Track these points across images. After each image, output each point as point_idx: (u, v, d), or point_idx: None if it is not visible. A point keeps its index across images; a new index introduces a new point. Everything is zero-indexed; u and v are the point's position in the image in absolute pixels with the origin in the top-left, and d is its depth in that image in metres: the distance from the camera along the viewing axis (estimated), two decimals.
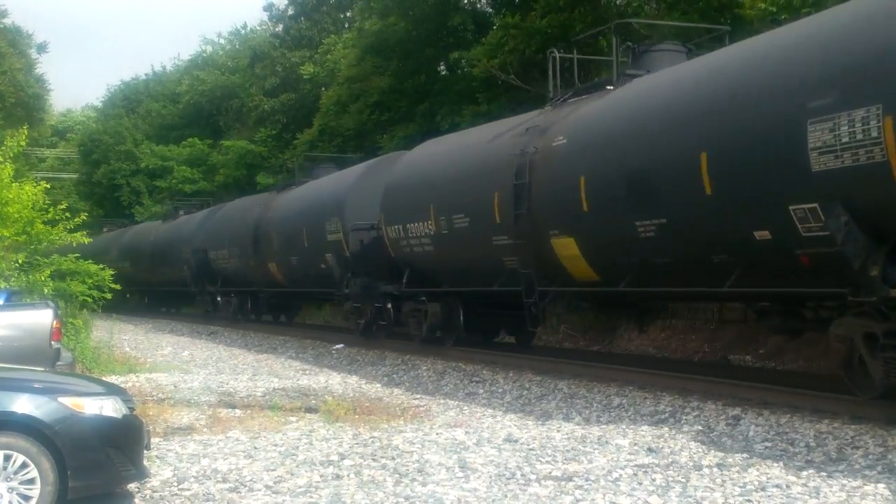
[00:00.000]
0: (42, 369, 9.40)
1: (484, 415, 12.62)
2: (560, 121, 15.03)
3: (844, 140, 9.35)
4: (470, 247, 16.95)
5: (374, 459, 9.49)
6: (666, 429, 10.90)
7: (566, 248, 14.41)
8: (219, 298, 33.61)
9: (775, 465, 8.78)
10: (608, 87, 14.86)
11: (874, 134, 9.06)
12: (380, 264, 20.87)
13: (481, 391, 14.88)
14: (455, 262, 17.87)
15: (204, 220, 35.33)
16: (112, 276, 23.63)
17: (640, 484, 8.24)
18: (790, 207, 10.12)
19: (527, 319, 16.01)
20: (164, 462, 9.51)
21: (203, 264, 33.66)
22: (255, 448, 10.21)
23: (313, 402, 13.90)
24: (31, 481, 7.10)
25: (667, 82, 13.12)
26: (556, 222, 14.49)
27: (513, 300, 16.35)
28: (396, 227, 19.49)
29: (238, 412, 12.91)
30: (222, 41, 63.77)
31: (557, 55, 16.54)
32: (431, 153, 19.87)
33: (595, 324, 21.22)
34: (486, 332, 20.02)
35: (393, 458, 9.52)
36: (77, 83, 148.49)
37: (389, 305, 21.06)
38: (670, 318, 19.60)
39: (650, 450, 9.67)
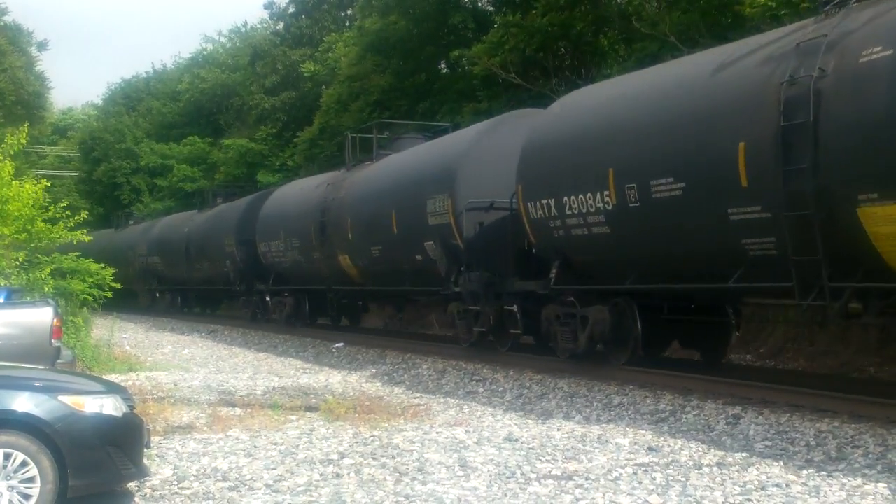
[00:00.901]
0: (42, 367, 9.39)
1: (484, 413, 12.62)
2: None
3: None
4: (682, 225, 12.32)
5: (374, 458, 9.49)
6: (666, 428, 10.91)
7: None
8: (268, 298, 28.75)
9: (775, 464, 8.78)
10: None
11: None
12: (506, 254, 16.83)
13: (481, 390, 14.88)
14: (652, 247, 13.04)
15: (250, 207, 30.07)
16: (140, 273, 24.89)
17: (640, 483, 8.25)
18: None
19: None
20: (164, 461, 9.51)
21: (251, 259, 29.11)
22: (256, 447, 10.21)
23: (313, 400, 13.90)
24: (31, 480, 7.10)
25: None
26: (875, 180, 9.75)
27: (711, 304, 14.56)
28: (544, 202, 14.88)
29: (238, 411, 12.91)
30: (223, 39, 63.78)
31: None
32: (600, 97, 15.16)
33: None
34: (657, 344, 15.34)
35: (393, 457, 9.52)
36: (77, 81, 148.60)
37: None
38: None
39: (650, 449, 9.67)
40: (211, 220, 34.30)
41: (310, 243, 24.61)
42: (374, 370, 18.26)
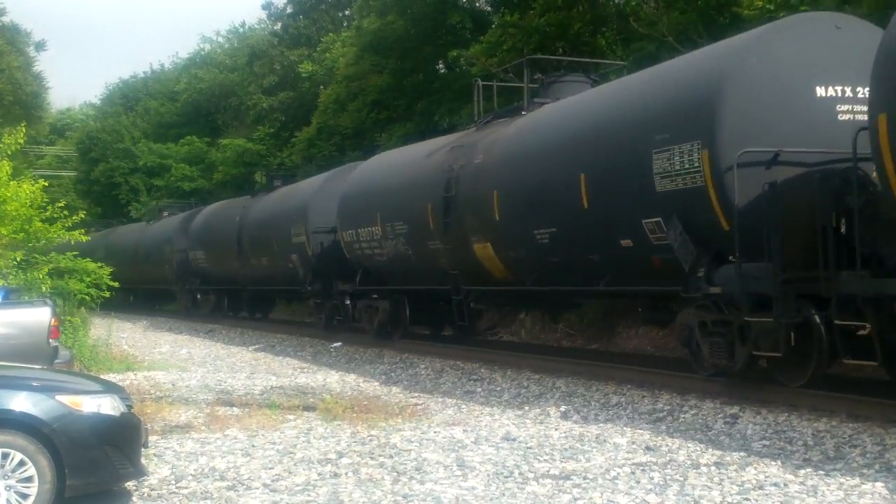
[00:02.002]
0: (40, 367, 9.38)
1: (482, 413, 12.62)
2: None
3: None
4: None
5: (371, 458, 9.49)
6: (664, 427, 10.91)
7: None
8: (347, 301, 23.36)
9: (773, 463, 8.79)
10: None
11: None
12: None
13: (479, 389, 14.89)
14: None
15: (325, 187, 24.42)
16: (179, 271, 26.17)
17: (638, 482, 8.25)
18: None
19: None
20: (161, 460, 9.50)
21: (328, 252, 23.75)
22: (253, 446, 10.21)
23: (311, 400, 13.90)
24: (29, 479, 7.10)
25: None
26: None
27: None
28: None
29: (236, 410, 12.91)
30: (221, 39, 63.74)
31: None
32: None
33: (593, 322, 21.14)
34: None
35: (391, 457, 9.52)
36: (75, 81, 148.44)
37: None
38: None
39: (648, 448, 9.68)
40: (272, 205, 28.26)
41: (424, 229, 18.63)
42: (372, 370, 18.26)
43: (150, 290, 43.55)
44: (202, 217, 35.80)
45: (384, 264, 20.90)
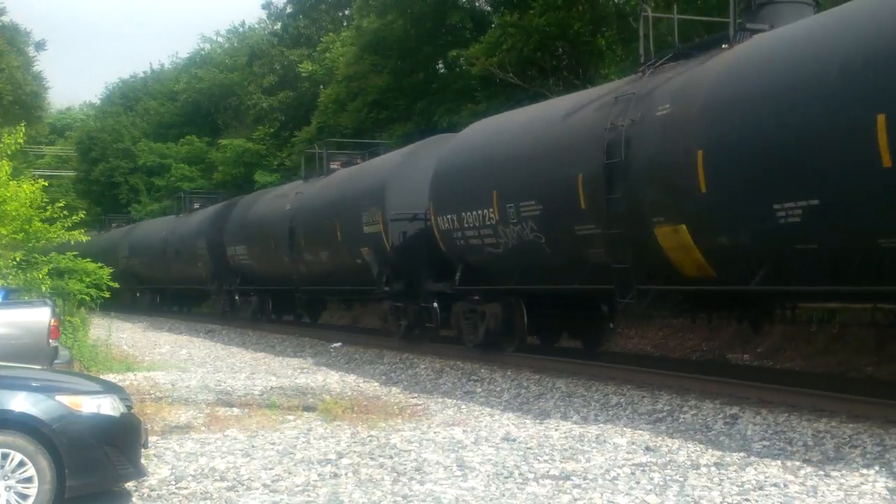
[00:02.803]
0: (40, 367, 9.38)
1: (482, 413, 12.62)
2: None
3: None
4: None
5: (371, 458, 9.49)
6: (664, 427, 10.91)
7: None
8: (435, 305, 19.01)
9: (773, 463, 8.79)
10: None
11: None
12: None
13: (479, 390, 14.88)
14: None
15: (409, 161, 20.09)
16: (216, 270, 29.50)
17: (638, 483, 8.25)
18: None
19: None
20: (161, 461, 9.50)
21: (416, 243, 19.38)
22: (253, 447, 10.21)
23: (311, 400, 13.90)
24: (29, 480, 7.09)
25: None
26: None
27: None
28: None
29: (236, 411, 12.90)
30: (220, 39, 63.77)
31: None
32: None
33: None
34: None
35: (391, 457, 9.52)
36: (75, 81, 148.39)
37: (436, 305, 18.90)
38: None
39: (648, 448, 9.68)
40: (334, 189, 23.30)
41: (571, 209, 14.10)
42: (372, 370, 18.26)
43: (179, 291, 39.43)
44: (242, 207, 31.00)
45: (500, 257, 16.46)
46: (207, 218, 33.73)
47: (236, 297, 30.96)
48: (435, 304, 18.75)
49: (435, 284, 18.67)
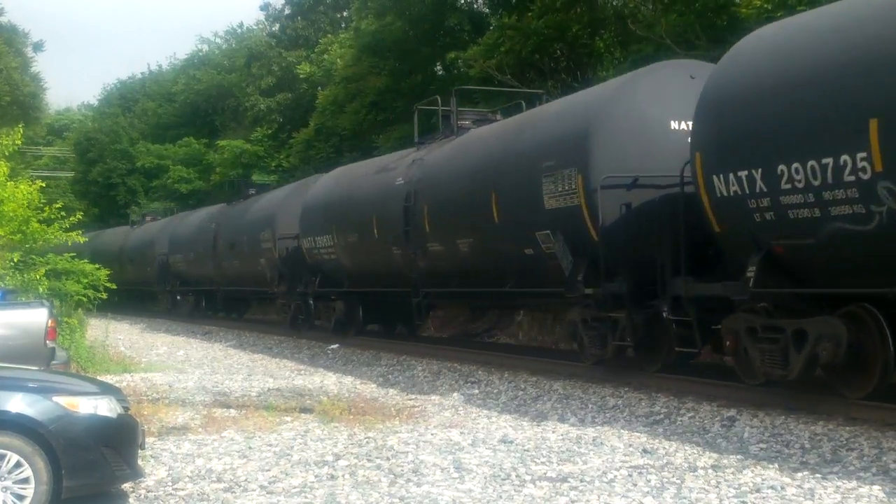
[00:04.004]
0: (37, 368, 9.38)
1: (479, 415, 12.61)
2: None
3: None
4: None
5: (368, 460, 9.49)
6: (661, 430, 10.91)
7: None
8: (309, 302, 24.64)
9: (770, 466, 8.79)
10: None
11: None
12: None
13: (476, 392, 14.88)
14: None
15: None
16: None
17: (635, 485, 8.24)
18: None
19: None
20: (158, 462, 9.50)
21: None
22: (250, 448, 10.20)
23: (308, 402, 13.89)
24: (26, 481, 7.09)
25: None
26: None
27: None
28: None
29: (233, 412, 12.90)
30: (219, 40, 63.75)
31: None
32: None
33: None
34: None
35: (388, 459, 9.51)
36: (73, 82, 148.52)
37: (311, 302, 24.28)
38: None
39: (645, 451, 9.67)
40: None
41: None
42: (369, 372, 18.25)
43: (232, 293, 39.68)
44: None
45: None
46: (272, 204, 28.40)
47: (311, 302, 24.86)
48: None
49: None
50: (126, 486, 8.20)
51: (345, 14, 46.61)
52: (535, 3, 25.97)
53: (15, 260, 18.62)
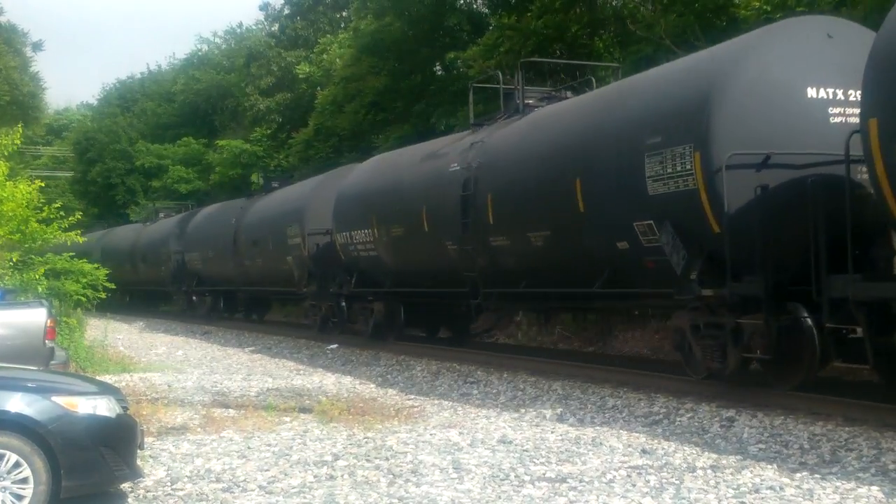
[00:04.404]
0: (36, 368, 9.38)
1: (478, 416, 12.61)
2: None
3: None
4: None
5: (367, 460, 9.49)
6: (660, 430, 10.91)
7: None
8: (342, 304, 22.64)
9: (769, 466, 8.79)
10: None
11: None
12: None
13: (476, 392, 14.87)
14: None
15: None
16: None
17: (634, 485, 8.25)
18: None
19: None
20: (157, 462, 9.49)
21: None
22: (249, 448, 10.20)
23: (307, 402, 13.89)
24: (24, 481, 7.09)
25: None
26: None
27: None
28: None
29: (232, 412, 12.89)
30: (218, 40, 63.71)
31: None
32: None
33: (589, 324, 21.25)
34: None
35: (387, 459, 9.51)
36: (72, 82, 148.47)
37: (343, 304, 22.51)
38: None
39: (644, 451, 9.67)
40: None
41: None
42: (368, 372, 18.24)
43: (146, 292, 43.25)
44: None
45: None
46: (300, 196, 25.57)
47: (344, 303, 22.89)
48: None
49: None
50: (125, 486, 8.20)
51: (344, 14, 46.59)
52: (535, 3, 25.97)
53: (14, 260, 18.61)
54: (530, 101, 17.06)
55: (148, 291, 42.19)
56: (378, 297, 21.15)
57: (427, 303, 20.72)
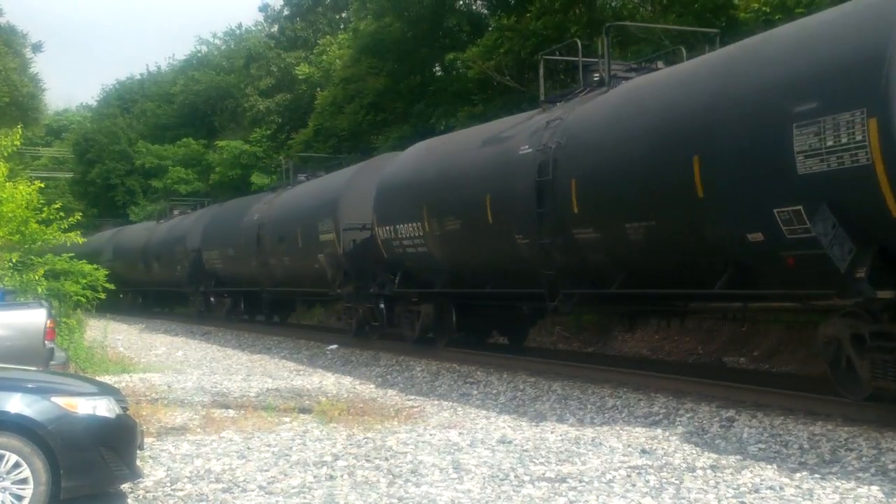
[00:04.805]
0: (35, 369, 9.38)
1: (478, 416, 12.61)
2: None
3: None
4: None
5: (367, 460, 9.48)
6: (660, 430, 10.91)
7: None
8: (381, 306, 20.92)
9: (769, 466, 8.79)
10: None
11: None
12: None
13: (475, 392, 14.87)
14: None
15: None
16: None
17: (634, 485, 8.24)
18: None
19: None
20: (157, 462, 9.49)
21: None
22: (249, 448, 10.19)
23: (307, 402, 13.88)
24: (24, 481, 7.08)
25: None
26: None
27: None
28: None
29: (232, 412, 12.89)
30: (217, 41, 63.71)
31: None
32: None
33: (588, 325, 21.26)
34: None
35: (387, 459, 9.51)
36: (72, 83, 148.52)
37: (382, 306, 20.67)
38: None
39: (644, 451, 9.67)
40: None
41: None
42: (368, 372, 18.25)
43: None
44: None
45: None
46: (334, 188, 23.40)
47: (382, 305, 21.07)
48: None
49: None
50: (125, 486, 8.20)
51: (343, 15, 46.64)
52: (534, 4, 25.98)
53: (14, 260, 18.60)
54: (616, 74, 14.83)
55: (162, 292, 40.44)
56: (425, 298, 19.10)
57: (482, 305, 18.92)
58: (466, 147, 17.24)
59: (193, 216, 36.46)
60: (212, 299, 33.93)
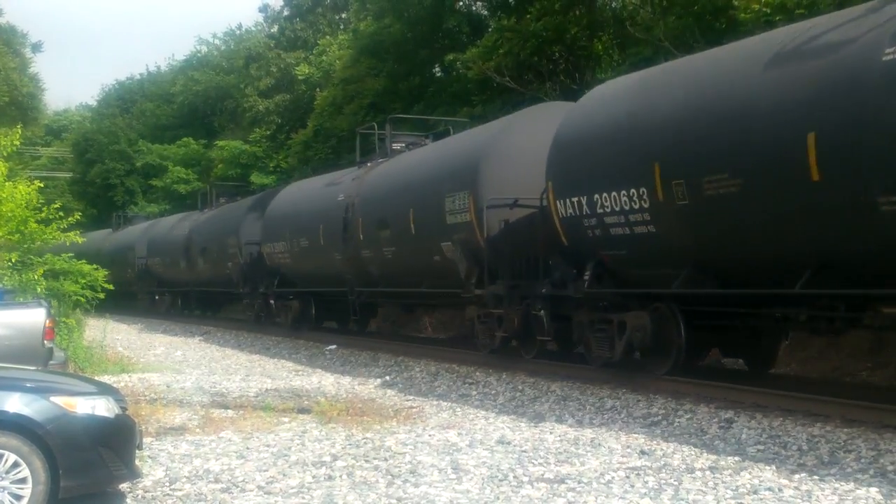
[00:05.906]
0: (34, 368, 9.37)
1: (477, 416, 12.61)
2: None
3: None
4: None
5: (366, 461, 9.49)
6: (659, 431, 10.91)
7: None
8: (270, 301, 28.19)
9: (768, 468, 8.79)
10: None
11: None
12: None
13: (474, 393, 14.87)
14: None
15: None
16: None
17: (633, 486, 8.25)
18: None
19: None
20: (156, 462, 9.49)
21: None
22: (248, 448, 10.20)
23: (306, 402, 13.89)
24: (23, 481, 7.08)
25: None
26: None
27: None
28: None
29: (230, 413, 12.89)
30: (217, 42, 63.65)
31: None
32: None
33: None
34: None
35: (385, 460, 9.51)
36: (71, 83, 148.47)
37: (271, 301, 27.28)
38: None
39: (643, 452, 9.68)
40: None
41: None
42: (367, 373, 18.24)
43: (205, 294, 38.77)
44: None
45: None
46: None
47: (271, 301, 27.89)
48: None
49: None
50: (123, 486, 8.20)
51: (343, 15, 46.67)
52: (534, 5, 26.00)
53: (13, 260, 18.60)
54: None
55: (207, 293, 35.52)
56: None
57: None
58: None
59: (249, 202, 31.05)
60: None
